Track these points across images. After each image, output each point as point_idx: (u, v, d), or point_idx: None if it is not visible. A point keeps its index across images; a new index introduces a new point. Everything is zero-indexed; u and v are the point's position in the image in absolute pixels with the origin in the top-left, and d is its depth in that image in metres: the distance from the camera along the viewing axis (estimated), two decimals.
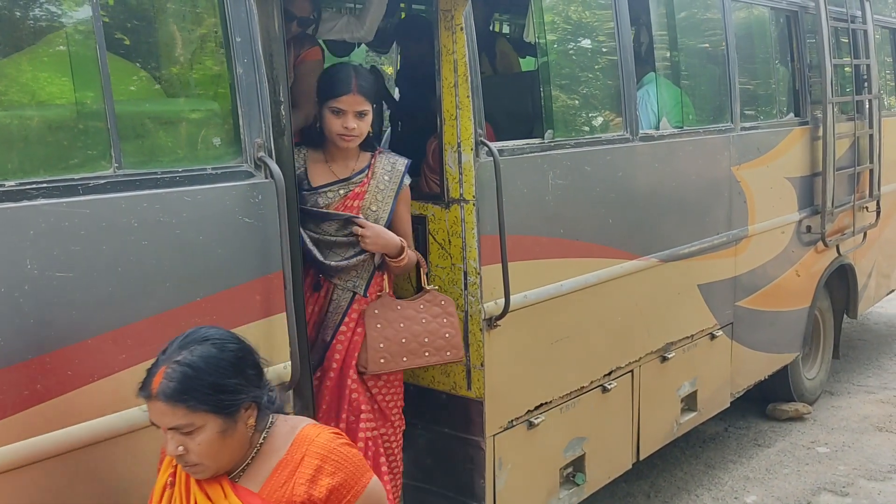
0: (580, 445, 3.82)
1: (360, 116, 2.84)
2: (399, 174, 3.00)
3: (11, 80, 2.11)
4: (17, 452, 1.98)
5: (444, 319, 3.06)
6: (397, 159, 3.04)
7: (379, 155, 3.01)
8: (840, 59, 5.70)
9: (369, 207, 2.94)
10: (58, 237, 2.03)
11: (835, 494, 4.69)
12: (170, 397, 1.72)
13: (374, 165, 2.98)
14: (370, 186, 2.95)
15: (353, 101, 2.81)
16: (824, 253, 5.68)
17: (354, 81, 2.81)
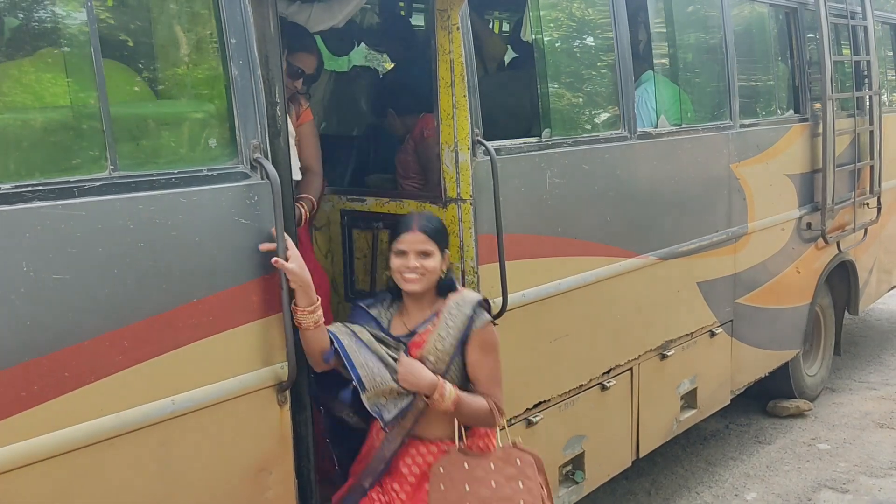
0: (579, 443, 3.83)
1: (423, 256, 2.65)
2: (465, 315, 2.67)
3: (6, 82, 2.12)
4: (14, 454, 1.99)
5: (520, 483, 2.65)
6: (468, 297, 2.73)
7: (451, 297, 2.74)
8: (840, 56, 5.69)
9: (427, 357, 2.65)
10: (54, 239, 2.04)
11: (835, 491, 4.69)
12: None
13: (441, 312, 2.71)
14: (431, 335, 2.68)
15: (414, 240, 2.66)
16: (825, 249, 5.68)
17: (416, 221, 2.69)
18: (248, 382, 2.49)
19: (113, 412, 2.17)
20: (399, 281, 2.69)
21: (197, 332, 2.34)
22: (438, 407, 2.61)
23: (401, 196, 3.50)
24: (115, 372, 2.16)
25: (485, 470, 2.65)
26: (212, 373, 2.39)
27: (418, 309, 2.75)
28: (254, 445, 2.54)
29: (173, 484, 2.34)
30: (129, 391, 2.20)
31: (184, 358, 2.31)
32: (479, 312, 2.70)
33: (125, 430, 2.20)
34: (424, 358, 2.64)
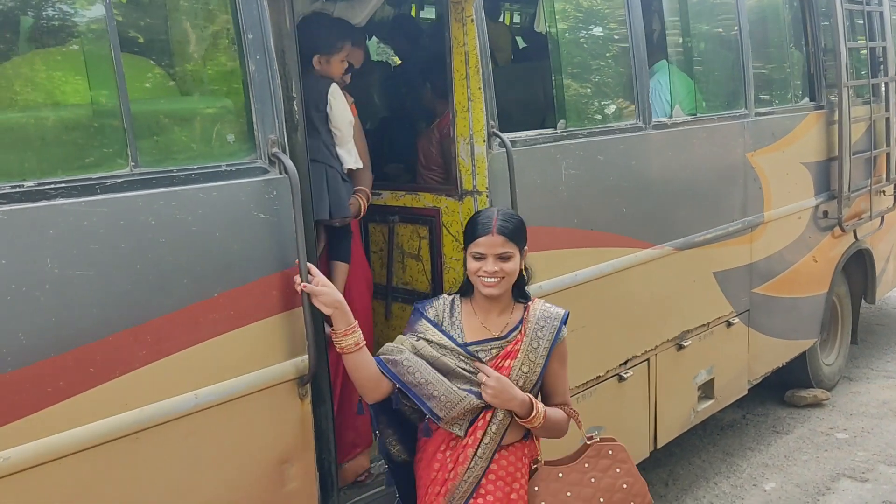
0: (597, 435, 3.82)
1: (502, 259, 2.51)
2: (554, 329, 2.60)
3: (27, 80, 2.13)
4: (37, 450, 2.01)
5: (616, 469, 2.70)
6: (552, 311, 2.65)
7: (532, 307, 2.64)
8: (855, 42, 5.65)
9: (520, 369, 2.55)
10: (77, 236, 2.06)
11: (854, 480, 4.68)
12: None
13: (527, 320, 2.61)
14: (523, 344, 2.58)
15: (492, 243, 2.50)
16: (841, 238, 5.65)
17: (495, 223, 2.52)
18: (269, 376, 2.50)
19: (137, 407, 2.19)
20: (477, 284, 2.56)
21: (218, 327, 2.35)
22: (529, 424, 2.55)
23: (417, 189, 3.50)
24: (139, 367, 2.18)
25: (579, 471, 2.68)
26: (233, 367, 2.40)
27: (499, 311, 2.62)
28: (275, 439, 2.56)
29: (196, 477, 2.36)
30: (152, 386, 2.22)
31: (206, 353, 2.32)
32: (563, 325, 2.64)
33: (149, 424, 2.21)
34: (517, 368, 2.54)
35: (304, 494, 2.67)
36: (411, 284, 3.54)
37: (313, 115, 3.11)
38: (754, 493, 4.60)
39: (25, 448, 1.99)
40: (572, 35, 3.89)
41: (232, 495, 2.46)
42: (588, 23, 3.99)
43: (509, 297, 2.62)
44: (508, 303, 2.63)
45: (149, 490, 2.26)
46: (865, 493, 4.52)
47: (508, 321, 2.61)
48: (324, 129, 3.15)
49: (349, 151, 3.21)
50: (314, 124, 3.10)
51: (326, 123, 3.15)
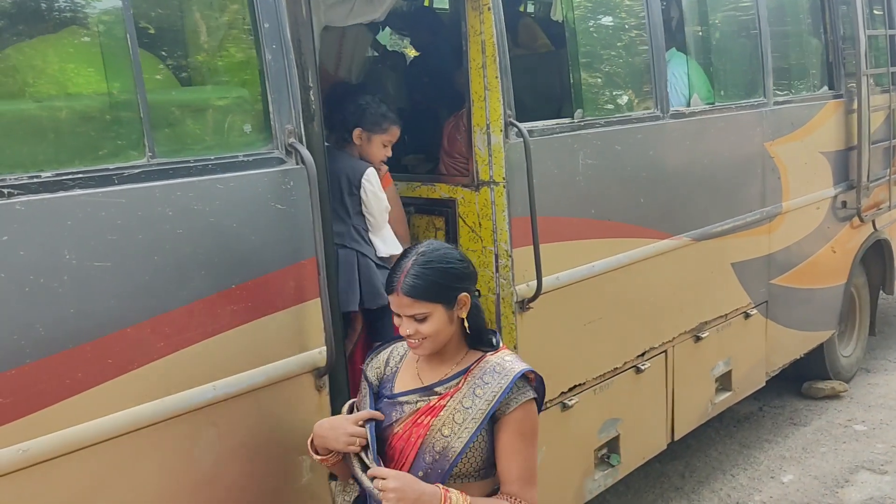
0: (614, 426, 3.80)
1: (416, 320, 2.12)
2: (501, 388, 2.10)
3: (43, 71, 2.12)
4: (56, 442, 2.01)
5: None
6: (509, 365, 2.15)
7: (489, 358, 2.18)
8: (874, 30, 5.57)
9: (440, 430, 2.11)
10: (95, 227, 2.05)
11: (873, 472, 4.63)
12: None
13: (471, 372, 2.16)
14: (453, 400, 2.13)
15: (399, 304, 2.13)
16: (860, 228, 5.58)
17: (402, 279, 2.11)
18: (287, 368, 2.49)
19: (155, 398, 2.18)
20: None
21: (235, 318, 2.34)
22: None
23: (433, 180, 3.48)
24: (157, 358, 2.17)
25: None
26: (251, 359, 2.40)
27: (440, 360, 2.22)
28: (292, 431, 2.55)
29: (213, 469, 2.35)
30: (170, 377, 2.21)
31: (223, 344, 2.31)
32: (522, 387, 2.14)
33: (167, 416, 2.21)
34: (437, 430, 2.11)
35: (320, 487, 2.66)
36: None
37: (346, 199, 3.02)
38: (772, 486, 4.56)
39: (44, 440, 1.99)
40: (589, 24, 3.84)
41: (248, 487, 2.45)
42: (605, 11, 3.94)
43: (459, 344, 2.22)
44: (458, 350, 2.22)
45: (166, 481, 2.26)
46: (885, 486, 4.48)
47: (450, 371, 2.19)
48: (355, 212, 3.04)
49: (384, 239, 3.09)
50: (345, 207, 3.02)
51: (359, 206, 3.05)
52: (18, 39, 2.10)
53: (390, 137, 3.15)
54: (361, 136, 3.10)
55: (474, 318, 2.21)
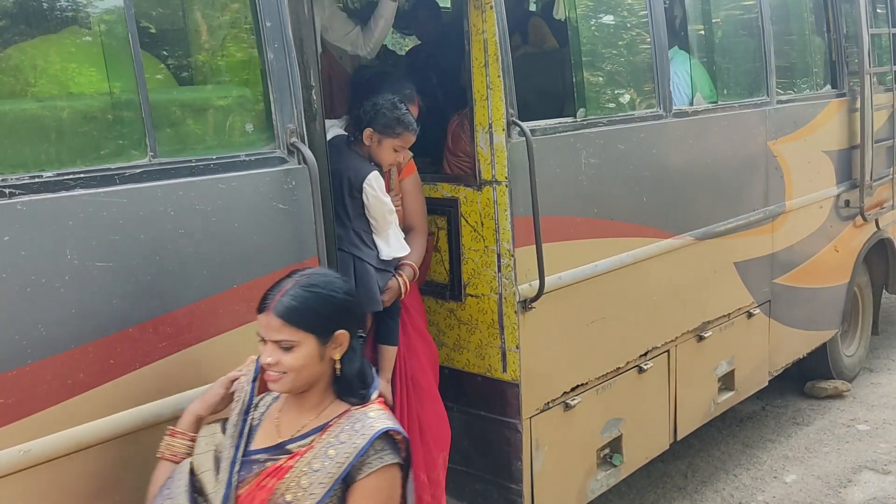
0: (617, 426, 3.80)
1: (282, 348, 1.88)
2: (355, 449, 1.84)
3: (45, 71, 2.12)
4: (58, 443, 2.00)
5: None
6: (369, 422, 1.90)
7: (352, 412, 1.93)
8: (878, 29, 5.56)
9: (283, 496, 1.85)
10: (96, 226, 2.04)
11: (876, 472, 4.62)
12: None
13: (330, 427, 1.91)
14: (302, 461, 1.87)
15: (268, 325, 1.89)
16: (863, 227, 5.57)
17: (278, 297, 1.89)
18: None
19: (158, 399, 2.18)
20: None
21: (238, 318, 2.33)
22: None
23: (435, 179, 3.47)
24: (159, 359, 2.17)
25: None
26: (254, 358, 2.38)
27: (299, 408, 1.96)
28: None
29: None
30: (173, 378, 2.21)
31: (226, 344, 2.31)
32: (382, 449, 1.87)
33: (170, 416, 2.19)
34: (279, 494, 1.86)
35: None
36: (430, 276, 3.51)
37: (346, 200, 2.92)
38: (775, 486, 4.55)
39: (46, 441, 1.98)
40: (591, 22, 3.83)
41: None
42: (607, 10, 3.93)
43: (324, 391, 1.96)
44: (322, 399, 1.96)
45: None
46: (888, 486, 4.47)
47: (307, 424, 1.94)
48: (356, 214, 2.95)
49: (388, 241, 3.00)
50: (345, 209, 2.92)
51: (361, 209, 2.95)
52: (20, 39, 2.10)
53: (402, 143, 3.01)
54: (372, 137, 2.97)
55: (349, 363, 1.95)
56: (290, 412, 1.97)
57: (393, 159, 3.02)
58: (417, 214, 3.23)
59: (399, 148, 3.01)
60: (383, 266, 3.01)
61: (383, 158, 3.00)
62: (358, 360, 1.98)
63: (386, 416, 1.94)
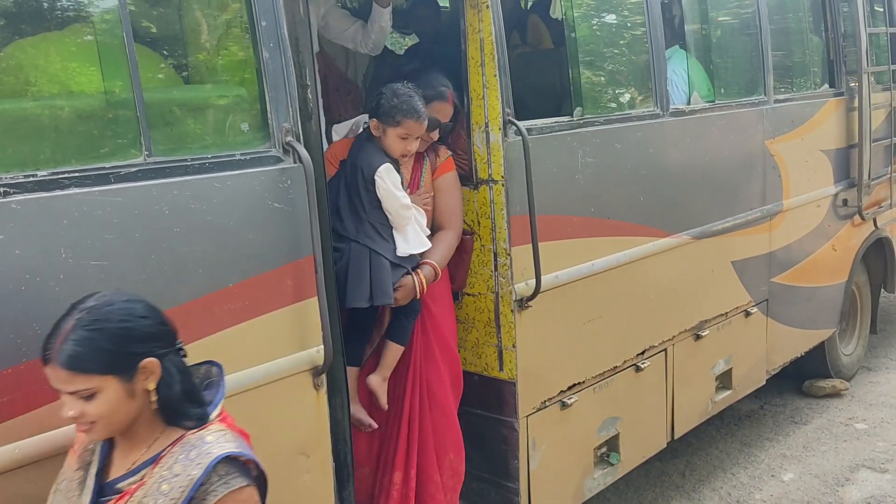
0: (614, 425, 3.80)
1: (82, 398, 1.68)
2: (191, 482, 1.67)
3: (40, 69, 2.12)
4: (52, 442, 2.00)
5: None
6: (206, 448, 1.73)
7: (187, 438, 1.76)
8: (875, 28, 5.56)
9: None
10: (91, 226, 2.05)
11: (874, 471, 4.63)
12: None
13: (163, 458, 1.74)
14: (132, 500, 1.71)
15: (56, 378, 1.69)
16: (861, 226, 5.57)
17: (57, 346, 1.67)
18: (284, 366, 2.49)
19: None
20: None
21: (233, 316, 2.34)
22: None
23: None
24: None
25: None
26: (248, 358, 2.39)
27: (130, 443, 1.79)
28: (290, 429, 2.55)
29: None
30: None
31: (220, 343, 2.31)
32: (226, 474, 1.72)
33: None
34: None
35: (320, 485, 2.66)
36: None
37: (362, 193, 2.92)
38: (772, 484, 4.56)
39: (41, 438, 1.99)
40: (588, 21, 3.84)
41: None
42: (604, 9, 3.93)
43: (150, 422, 1.77)
44: (152, 429, 1.77)
45: None
46: (885, 484, 4.47)
47: (138, 459, 1.77)
48: (372, 206, 2.93)
49: (406, 237, 2.97)
50: (361, 201, 2.93)
51: (377, 201, 2.93)
52: (15, 38, 2.10)
53: (405, 131, 2.92)
54: (378, 127, 2.95)
55: (167, 388, 1.74)
56: (122, 448, 1.78)
57: (402, 149, 2.95)
58: (451, 213, 3.16)
59: (405, 136, 2.93)
60: (399, 261, 2.97)
61: (392, 148, 2.96)
62: (178, 380, 1.76)
63: (226, 437, 1.75)
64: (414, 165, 3.15)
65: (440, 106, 3.13)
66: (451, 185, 3.18)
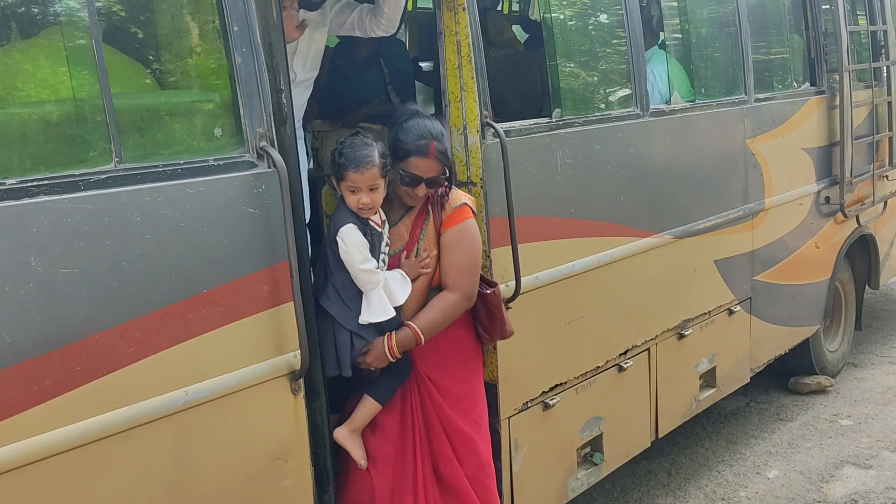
0: (597, 425, 3.80)
1: None
2: None
3: (6, 75, 2.11)
4: (25, 450, 1.99)
5: None
6: None
7: None
8: (856, 26, 5.59)
9: None
10: (61, 233, 2.04)
11: (858, 467, 4.65)
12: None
13: None
14: None
15: None
16: (844, 224, 5.60)
17: None
18: (261, 372, 2.48)
19: (126, 405, 2.17)
20: None
21: (207, 322, 2.33)
22: None
23: None
24: (127, 365, 2.16)
25: None
26: (224, 363, 2.39)
27: None
28: (269, 434, 2.54)
29: (188, 475, 2.34)
30: (141, 383, 2.20)
31: (195, 349, 2.30)
32: None
33: (139, 422, 2.20)
34: None
35: (299, 490, 2.65)
36: None
37: (328, 254, 2.76)
38: (757, 481, 4.57)
39: (13, 448, 1.98)
40: (567, 22, 3.84)
41: (225, 492, 2.44)
42: (583, 9, 3.94)
43: None
44: None
45: (140, 489, 2.24)
46: (869, 480, 4.49)
47: None
48: (337, 268, 2.74)
49: (368, 303, 2.72)
50: (328, 262, 2.76)
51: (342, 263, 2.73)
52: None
53: (350, 183, 2.68)
54: (336, 184, 2.76)
55: None
56: None
57: (355, 203, 2.70)
58: (454, 271, 2.86)
59: (354, 189, 2.70)
60: (359, 330, 2.74)
61: (349, 203, 2.73)
62: None
63: None
64: (416, 221, 2.91)
65: (419, 161, 2.79)
66: (458, 240, 2.87)
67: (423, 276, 2.88)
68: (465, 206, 2.91)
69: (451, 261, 2.87)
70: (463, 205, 2.91)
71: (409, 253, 2.88)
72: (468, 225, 2.90)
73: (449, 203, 2.91)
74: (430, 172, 2.82)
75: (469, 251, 2.89)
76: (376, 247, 2.77)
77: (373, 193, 2.71)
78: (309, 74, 3.41)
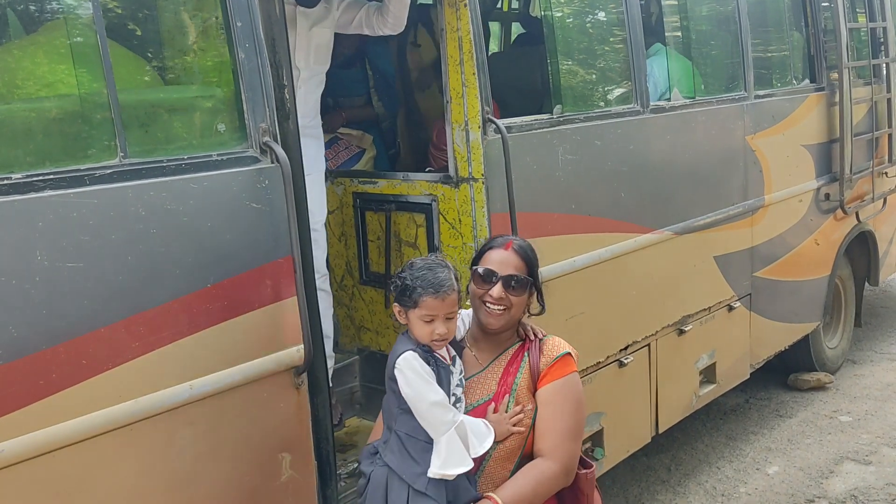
0: (598, 421, 3.82)
1: None
2: None
3: (13, 71, 2.12)
4: (31, 443, 2.00)
5: None
6: None
7: None
8: (855, 23, 5.60)
9: None
10: (66, 228, 2.04)
11: (858, 463, 4.66)
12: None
13: None
14: None
15: None
16: (844, 220, 5.61)
17: None
18: (264, 366, 2.49)
19: (131, 399, 2.18)
20: None
21: (211, 317, 2.34)
22: None
23: (411, 178, 3.48)
24: (132, 359, 2.17)
25: None
26: (228, 358, 2.39)
27: None
28: (272, 429, 2.55)
29: (191, 469, 2.35)
30: (146, 378, 2.21)
31: (199, 343, 2.31)
32: None
33: (143, 416, 2.20)
34: None
35: (302, 484, 2.66)
36: None
37: (390, 397, 2.31)
38: (757, 477, 4.59)
39: (19, 441, 1.98)
40: (568, 19, 3.85)
41: (229, 487, 2.45)
42: (583, 6, 3.95)
43: None
44: None
45: (144, 482, 2.25)
46: (869, 476, 4.51)
47: None
48: (400, 412, 2.26)
49: (439, 451, 2.19)
50: (390, 407, 2.31)
51: (405, 404, 2.24)
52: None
53: (428, 312, 2.25)
54: (402, 313, 2.32)
55: None
56: None
57: (428, 334, 2.26)
58: (555, 435, 2.32)
59: (429, 318, 2.26)
60: (427, 489, 2.19)
61: (417, 334, 2.28)
62: None
63: None
64: (507, 368, 2.41)
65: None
66: (560, 398, 2.35)
67: (512, 437, 2.32)
68: (568, 357, 2.41)
69: (550, 423, 2.33)
70: (566, 354, 2.41)
71: (497, 406, 2.34)
72: (572, 380, 2.38)
73: (548, 349, 2.42)
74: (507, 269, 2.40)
75: (574, 414, 2.36)
76: (444, 381, 2.26)
77: (449, 322, 2.28)
78: (316, 69, 3.42)
